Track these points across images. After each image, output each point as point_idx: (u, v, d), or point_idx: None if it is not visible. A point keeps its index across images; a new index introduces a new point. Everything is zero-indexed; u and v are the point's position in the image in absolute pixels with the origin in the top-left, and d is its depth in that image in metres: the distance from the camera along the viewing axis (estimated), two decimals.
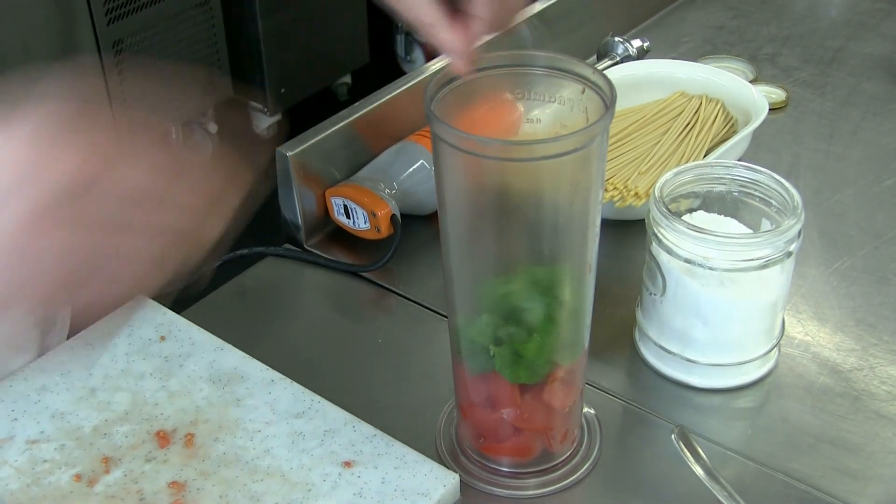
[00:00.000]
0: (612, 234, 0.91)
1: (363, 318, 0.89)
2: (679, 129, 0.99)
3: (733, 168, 0.79)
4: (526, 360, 0.67)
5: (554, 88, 0.65)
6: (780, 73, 1.22)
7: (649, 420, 0.78)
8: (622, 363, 0.83)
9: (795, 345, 0.84)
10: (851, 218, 0.98)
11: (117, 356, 0.81)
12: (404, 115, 0.99)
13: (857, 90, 1.19)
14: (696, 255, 0.74)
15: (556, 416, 0.71)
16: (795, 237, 0.75)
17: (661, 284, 0.77)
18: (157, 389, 0.79)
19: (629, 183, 0.91)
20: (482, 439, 0.74)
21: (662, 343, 0.80)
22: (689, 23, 1.33)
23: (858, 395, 0.79)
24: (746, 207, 0.80)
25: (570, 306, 0.67)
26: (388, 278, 0.91)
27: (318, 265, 0.93)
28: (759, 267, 0.74)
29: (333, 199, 0.93)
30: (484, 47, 1.07)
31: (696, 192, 0.80)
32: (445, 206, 0.65)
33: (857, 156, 1.07)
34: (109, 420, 0.76)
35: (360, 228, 0.93)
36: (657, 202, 0.75)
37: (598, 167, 0.63)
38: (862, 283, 0.90)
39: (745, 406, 0.80)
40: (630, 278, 0.86)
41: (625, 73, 1.07)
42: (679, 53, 1.24)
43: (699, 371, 0.79)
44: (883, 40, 1.29)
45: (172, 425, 0.76)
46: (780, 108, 1.15)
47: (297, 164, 0.91)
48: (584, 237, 0.65)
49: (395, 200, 0.92)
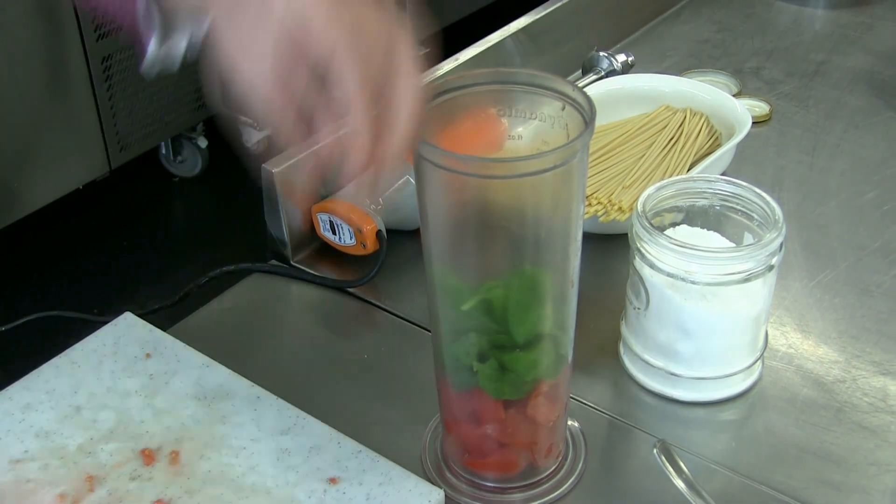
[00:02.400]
0: (596, 247, 0.92)
1: (349, 333, 0.89)
2: (663, 143, 1.00)
3: (715, 182, 0.80)
4: (509, 376, 0.67)
5: (535, 105, 0.66)
6: (764, 86, 1.23)
7: (634, 434, 0.78)
8: (607, 376, 0.83)
9: (779, 357, 0.84)
10: (834, 230, 0.99)
11: (103, 374, 0.81)
12: None
13: (840, 103, 1.19)
14: (678, 269, 0.74)
15: (540, 431, 0.71)
16: (777, 251, 0.75)
17: (645, 298, 0.77)
18: (142, 407, 0.79)
19: (613, 197, 0.92)
20: (467, 454, 0.74)
21: (646, 357, 0.80)
22: (673, 36, 1.34)
23: (841, 406, 0.80)
24: (729, 221, 0.80)
25: (553, 321, 0.67)
26: (374, 294, 0.92)
27: (305, 281, 0.93)
28: (742, 280, 0.74)
29: (319, 215, 0.94)
30: (467, 65, 1.08)
31: (679, 207, 0.81)
32: (428, 223, 0.65)
33: (839, 168, 1.08)
34: (94, 438, 0.76)
35: (346, 244, 0.93)
36: (640, 217, 0.76)
37: (579, 183, 0.63)
38: (845, 295, 0.91)
39: (729, 419, 0.80)
40: (614, 292, 0.86)
41: (610, 88, 1.08)
42: (664, 67, 1.24)
43: (683, 384, 0.79)
44: (865, 54, 1.30)
45: (158, 443, 0.76)
46: (765, 122, 1.15)
47: (283, 180, 0.91)
48: (567, 252, 0.65)
49: (380, 216, 0.92)
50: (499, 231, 0.64)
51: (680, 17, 1.39)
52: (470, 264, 0.65)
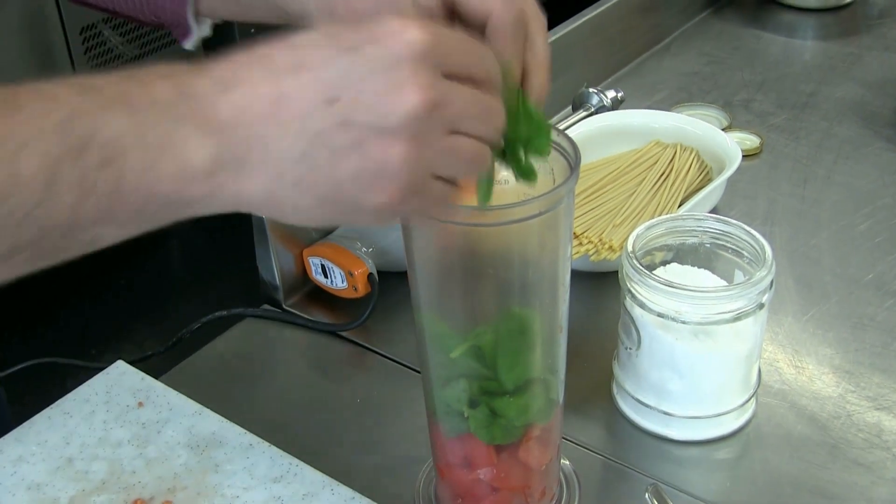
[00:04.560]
0: (587, 285, 0.92)
1: (342, 377, 0.89)
2: (654, 179, 1.00)
3: (705, 220, 0.80)
4: (501, 421, 0.67)
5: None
6: (754, 118, 1.23)
7: (628, 475, 0.78)
8: (600, 417, 0.83)
9: (773, 394, 0.84)
10: (826, 263, 0.99)
11: (95, 424, 0.81)
12: None
13: (830, 134, 1.20)
14: (668, 309, 0.74)
15: (533, 475, 0.71)
16: (767, 289, 0.75)
17: (636, 338, 0.77)
18: (134, 457, 0.78)
19: (604, 236, 0.92)
20: (460, 499, 0.73)
21: (639, 396, 0.80)
22: (663, 70, 1.35)
23: (836, 443, 0.79)
24: (719, 259, 0.81)
25: (542, 366, 0.67)
26: (366, 337, 0.92)
27: (297, 325, 0.93)
28: (733, 319, 0.74)
29: (311, 259, 0.94)
30: None
31: (669, 245, 0.81)
32: (415, 270, 0.65)
33: (831, 200, 1.08)
34: (86, 490, 0.76)
35: (338, 288, 0.93)
36: (629, 257, 0.76)
37: (566, 227, 0.64)
38: (838, 329, 0.90)
39: (723, 457, 0.80)
40: (607, 330, 0.86)
41: (600, 124, 1.08)
42: (654, 102, 1.25)
43: (677, 424, 0.79)
44: (854, 84, 1.30)
45: (150, 494, 0.76)
46: (755, 154, 1.15)
47: (274, 224, 0.92)
48: (555, 296, 0.65)
49: (371, 259, 0.92)
50: (486, 277, 0.64)
51: (669, 50, 1.40)
52: (458, 310, 0.65)
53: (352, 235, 0.94)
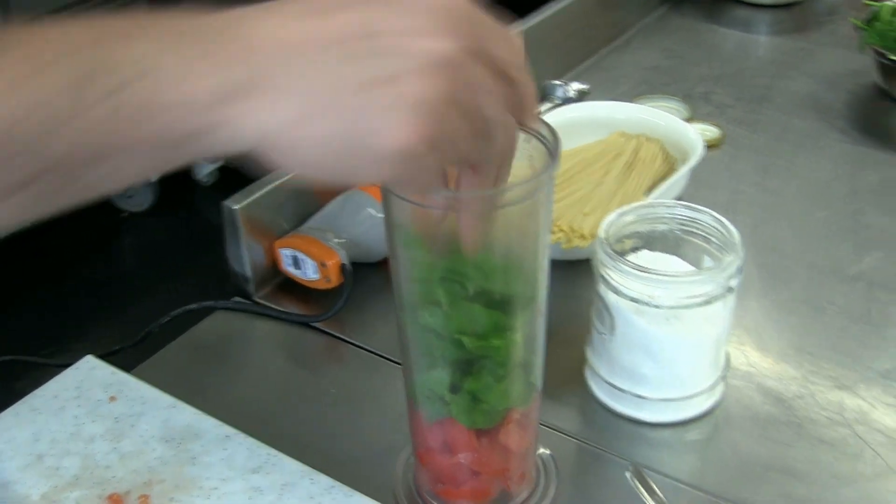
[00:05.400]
0: (559, 274, 0.92)
1: (316, 368, 0.89)
2: (620, 170, 1.01)
3: (674, 207, 0.82)
4: (482, 406, 0.68)
5: None
6: (714, 110, 1.25)
7: (603, 457, 0.79)
8: (575, 402, 0.84)
9: (740, 376, 0.86)
10: (788, 250, 1.01)
11: (65, 419, 0.80)
12: None
13: (788, 127, 1.22)
14: (642, 294, 0.76)
15: (512, 458, 0.72)
16: (736, 273, 0.77)
17: (610, 324, 0.79)
18: (108, 452, 0.77)
19: (574, 224, 0.93)
20: (440, 484, 0.74)
21: (613, 381, 0.81)
22: (624, 64, 1.37)
23: (801, 422, 0.81)
24: (688, 245, 0.82)
25: (523, 351, 0.68)
26: (339, 327, 0.92)
27: (269, 317, 0.94)
28: (703, 303, 0.76)
29: (282, 250, 0.94)
30: None
31: (639, 232, 0.82)
32: (397, 258, 0.66)
33: (791, 190, 1.11)
34: (58, 486, 0.74)
35: (310, 279, 0.93)
36: (603, 244, 0.77)
37: (546, 214, 0.64)
38: (800, 313, 0.93)
39: (695, 438, 0.81)
40: (579, 317, 0.87)
41: (566, 116, 1.09)
42: (617, 94, 1.26)
43: (649, 406, 0.81)
44: (807, 78, 1.33)
45: (126, 488, 0.74)
46: (716, 146, 1.17)
47: (245, 216, 0.92)
48: (535, 282, 0.66)
49: (344, 249, 0.93)
50: (467, 264, 0.65)
51: (630, 45, 1.42)
52: (440, 296, 0.66)
53: (323, 227, 0.94)
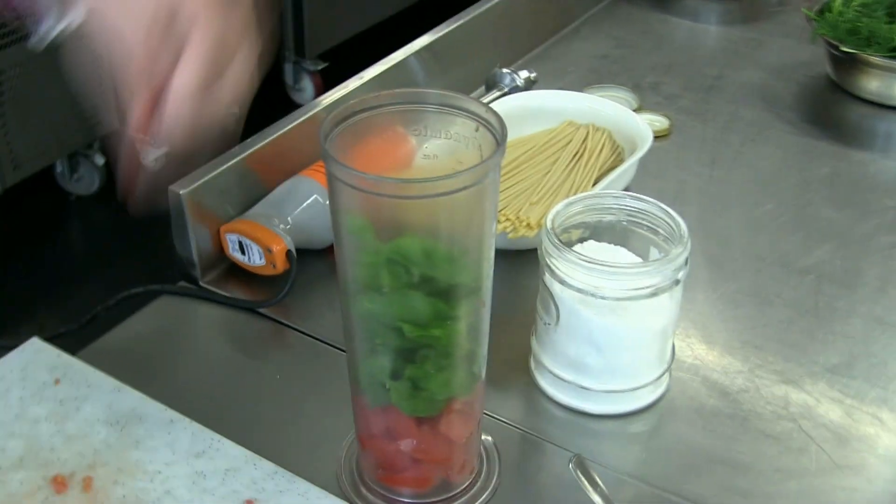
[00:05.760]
0: (505, 263, 0.92)
1: (261, 354, 0.89)
2: (568, 159, 1.02)
3: (621, 198, 0.82)
4: (423, 394, 0.68)
5: (447, 125, 0.66)
6: (663, 101, 1.26)
7: (546, 448, 0.79)
8: (518, 392, 0.84)
9: (685, 368, 0.86)
10: (735, 242, 1.02)
11: (10, 401, 0.80)
12: (297, 150, 0.99)
13: (736, 117, 1.23)
14: (588, 284, 0.76)
15: (454, 448, 0.72)
16: (683, 265, 0.77)
17: (555, 314, 0.79)
18: (52, 434, 0.77)
19: (521, 214, 0.93)
20: (381, 470, 0.74)
21: (557, 371, 0.81)
22: (574, 53, 1.37)
23: (746, 415, 0.82)
24: (635, 236, 0.82)
25: (466, 339, 0.68)
26: (285, 314, 0.91)
27: (215, 302, 0.93)
28: (649, 295, 0.76)
29: (228, 235, 0.93)
30: (372, 83, 1.09)
31: (586, 223, 0.82)
32: (342, 243, 0.65)
33: (738, 181, 1.11)
34: (3, 467, 0.75)
35: (256, 265, 0.93)
36: (549, 234, 0.77)
37: (492, 201, 0.64)
38: (747, 306, 0.93)
39: (639, 430, 0.82)
40: (524, 307, 0.87)
41: (513, 105, 1.09)
42: (565, 83, 1.27)
43: (593, 398, 0.81)
44: (756, 69, 1.34)
45: (70, 469, 0.74)
46: (665, 136, 1.18)
47: (191, 201, 0.91)
48: (479, 270, 0.66)
49: (289, 236, 0.92)
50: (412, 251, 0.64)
51: (579, 33, 1.42)
52: (384, 281, 0.66)
53: (270, 213, 0.93)
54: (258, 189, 0.97)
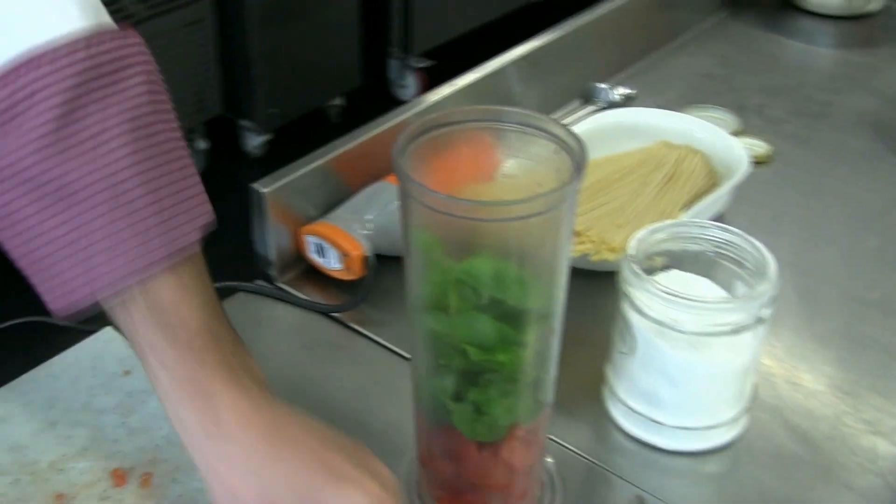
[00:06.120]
0: (586, 284, 0.90)
1: (331, 360, 0.87)
2: (659, 181, 0.98)
3: (708, 228, 0.79)
4: (485, 418, 0.66)
5: (527, 145, 0.64)
6: (766, 124, 1.22)
7: (612, 481, 0.76)
8: (588, 419, 0.82)
9: (766, 409, 0.82)
10: (832, 279, 0.97)
11: (79, 389, 0.80)
12: (383, 154, 0.97)
13: (844, 146, 1.18)
14: (666, 317, 0.73)
15: (515, 475, 0.70)
16: (768, 303, 0.74)
17: (631, 343, 0.76)
18: (117, 426, 0.77)
19: (605, 236, 0.90)
20: (440, 491, 0.72)
21: (630, 402, 0.79)
22: (676, 69, 1.33)
23: (828, 465, 0.78)
24: (721, 268, 0.79)
25: (532, 366, 0.66)
26: (359, 320, 0.90)
27: (289, 303, 0.92)
28: (731, 332, 0.73)
29: (308, 237, 0.92)
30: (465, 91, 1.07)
31: (670, 251, 0.79)
32: (411, 258, 0.64)
33: (840, 214, 1.07)
34: (67, 455, 0.75)
35: (333, 268, 0.92)
36: (629, 262, 0.75)
37: (567, 226, 0.62)
38: (839, 347, 0.89)
39: (711, 471, 0.78)
40: (603, 330, 0.84)
41: (607, 121, 1.07)
42: (665, 100, 1.23)
43: (666, 433, 0.78)
44: (871, 96, 1.28)
45: (130, 464, 0.75)
46: (765, 162, 1.14)
47: (273, 200, 0.90)
48: (551, 296, 0.64)
49: (369, 241, 0.91)
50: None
51: (685, 49, 1.38)
52: (450, 301, 0.64)
53: (351, 217, 0.92)
54: (342, 191, 0.96)
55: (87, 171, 0.57)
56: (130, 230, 0.58)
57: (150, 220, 0.59)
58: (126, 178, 0.58)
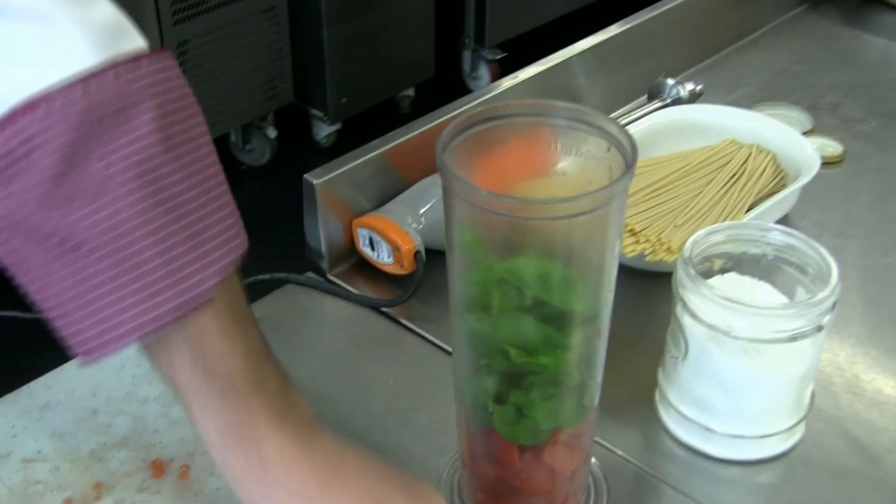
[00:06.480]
0: (642, 284, 0.88)
1: (378, 355, 0.86)
2: (724, 181, 0.95)
3: (769, 231, 0.76)
4: (527, 421, 0.64)
5: (579, 142, 0.62)
6: (840, 124, 1.17)
7: (661, 489, 0.74)
8: (638, 424, 0.79)
9: (825, 419, 0.79)
10: None
11: (123, 378, 0.80)
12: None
13: None
14: (720, 322, 0.70)
15: (557, 480, 0.68)
16: (829, 310, 0.71)
17: (684, 348, 0.74)
18: (158, 416, 0.77)
19: (663, 236, 0.88)
20: (481, 493, 0.71)
21: (682, 408, 0.76)
22: (749, 65, 1.29)
23: (888, 480, 0.75)
24: (782, 273, 0.76)
25: (576, 369, 0.64)
26: (408, 315, 0.89)
27: (339, 296, 0.91)
28: (788, 339, 0.70)
29: (360, 230, 0.91)
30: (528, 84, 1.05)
31: (729, 253, 0.77)
32: (454, 256, 0.62)
33: None
34: (107, 444, 0.75)
35: (384, 262, 0.90)
36: (684, 264, 0.72)
37: (616, 226, 0.60)
38: None
39: (764, 482, 0.76)
40: (658, 333, 0.82)
41: (672, 118, 1.04)
42: (735, 98, 1.20)
43: (718, 441, 0.75)
44: None
45: (170, 455, 0.74)
46: (837, 163, 1.10)
47: (324, 192, 0.89)
48: (597, 298, 0.62)
49: (420, 235, 0.89)
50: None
51: (757, 45, 1.34)
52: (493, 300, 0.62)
53: (403, 210, 0.91)
54: (397, 184, 0.95)
55: (90, 223, 0.54)
56: (137, 284, 0.55)
57: (158, 273, 0.55)
58: (131, 229, 0.55)
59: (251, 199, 2.58)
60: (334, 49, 2.42)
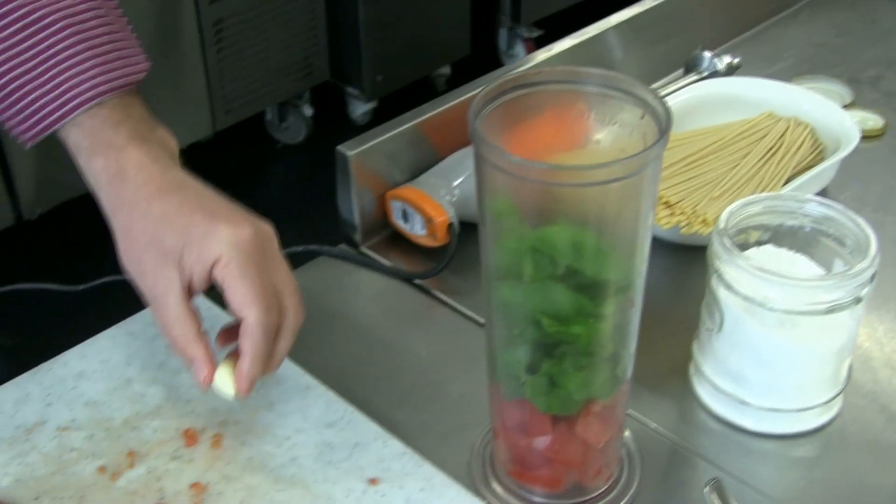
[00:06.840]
0: (677, 257, 0.88)
1: (411, 327, 0.86)
2: (761, 154, 0.94)
3: (806, 203, 0.75)
4: (560, 392, 0.64)
5: (614, 110, 0.62)
6: (881, 97, 1.16)
7: (695, 462, 0.74)
8: (673, 397, 0.79)
9: (863, 394, 0.78)
10: None
11: (157, 348, 0.81)
12: None
13: None
14: (756, 293, 0.69)
15: (589, 451, 0.68)
16: (867, 282, 0.70)
17: (719, 320, 0.73)
18: (191, 386, 0.77)
19: (698, 208, 0.87)
20: (513, 465, 0.71)
21: (716, 381, 0.75)
22: (788, 38, 1.27)
23: None
24: (820, 245, 0.75)
25: (610, 339, 0.63)
26: (441, 287, 0.89)
27: (372, 268, 0.91)
28: (825, 312, 0.69)
29: (393, 202, 0.91)
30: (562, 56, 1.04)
31: (765, 225, 0.76)
32: (486, 225, 0.62)
33: None
34: (141, 413, 0.76)
35: (417, 234, 0.90)
36: (719, 235, 0.71)
37: (649, 194, 0.59)
38: None
39: (800, 456, 0.75)
40: (693, 306, 0.81)
41: (709, 91, 1.02)
42: (773, 71, 1.18)
43: (753, 414, 0.75)
44: None
45: (202, 424, 0.75)
46: (877, 136, 1.08)
47: (358, 163, 0.89)
48: (631, 267, 0.61)
49: (454, 208, 0.89)
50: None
51: (798, 17, 1.32)
52: (526, 269, 0.62)
53: (437, 182, 0.91)
54: (430, 156, 0.94)
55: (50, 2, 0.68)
56: (93, 60, 0.68)
57: (109, 54, 0.69)
58: (85, 13, 0.69)
59: (287, 177, 2.58)
60: (370, 26, 2.41)
